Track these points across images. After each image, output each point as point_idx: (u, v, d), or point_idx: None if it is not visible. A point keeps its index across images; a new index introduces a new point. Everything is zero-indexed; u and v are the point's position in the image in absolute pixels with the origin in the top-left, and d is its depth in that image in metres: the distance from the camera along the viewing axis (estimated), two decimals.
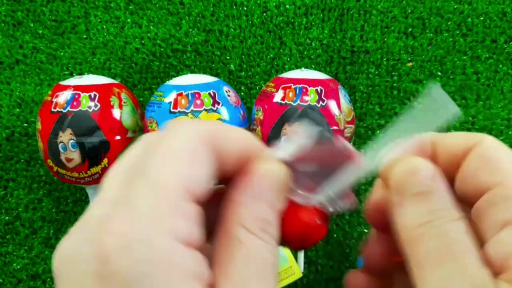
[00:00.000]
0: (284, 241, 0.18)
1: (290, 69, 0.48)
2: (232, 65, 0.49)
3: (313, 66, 0.48)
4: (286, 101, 0.39)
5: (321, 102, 0.39)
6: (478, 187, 0.17)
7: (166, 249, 0.13)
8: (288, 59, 0.49)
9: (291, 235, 0.19)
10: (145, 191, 0.14)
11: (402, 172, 0.18)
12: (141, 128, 0.43)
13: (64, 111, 0.39)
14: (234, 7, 0.49)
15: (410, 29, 0.48)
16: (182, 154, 0.15)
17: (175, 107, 0.39)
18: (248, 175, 0.17)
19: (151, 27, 0.49)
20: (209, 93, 0.40)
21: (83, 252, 0.14)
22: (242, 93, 0.49)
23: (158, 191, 0.14)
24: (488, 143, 0.18)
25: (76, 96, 0.40)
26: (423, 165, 0.18)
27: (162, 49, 0.49)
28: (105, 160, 0.40)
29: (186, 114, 0.39)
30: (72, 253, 0.14)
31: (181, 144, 0.15)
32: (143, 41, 0.49)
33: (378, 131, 0.48)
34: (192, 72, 0.49)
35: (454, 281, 0.15)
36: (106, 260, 0.13)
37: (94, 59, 0.50)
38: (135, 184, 0.14)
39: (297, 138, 0.19)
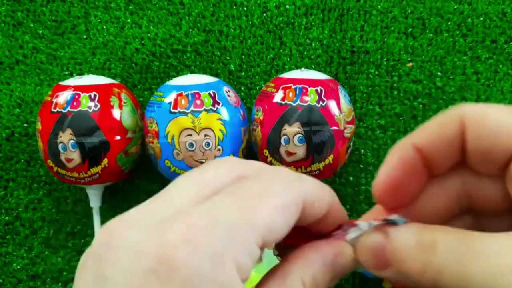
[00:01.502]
0: None
1: (290, 69, 0.48)
2: (232, 65, 0.49)
3: (313, 66, 0.48)
4: (286, 101, 0.40)
5: (321, 102, 0.39)
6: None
7: (229, 276, 0.13)
8: (288, 59, 0.49)
9: None
10: (233, 215, 0.14)
11: (365, 257, 0.18)
12: (141, 128, 0.43)
13: (64, 111, 0.39)
14: (234, 7, 0.49)
15: (410, 29, 0.48)
16: (274, 204, 0.15)
17: (175, 107, 0.39)
18: (336, 245, 0.18)
19: (151, 27, 0.49)
20: (209, 93, 0.40)
21: (142, 246, 0.13)
22: (242, 93, 0.49)
23: (245, 228, 0.14)
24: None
25: (76, 96, 0.40)
26: (371, 237, 0.18)
27: (162, 49, 0.49)
28: (105, 160, 0.40)
29: (186, 114, 0.39)
30: (130, 243, 0.14)
31: (280, 195, 0.15)
32: (143, 41, 0.49)
33: (378, 131, 0.48)
34: (192, 72, 0.49)
35: None
36: (173, 268, 0.13)
37: (94, 59, 0.50)
38: (228, 202, 0.15)
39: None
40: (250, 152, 0.44)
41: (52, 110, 0.40)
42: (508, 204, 0.18)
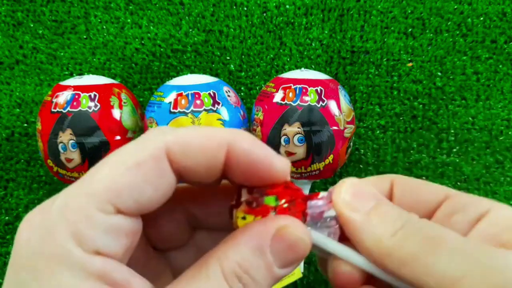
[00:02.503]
0: None
1: (290, 69, 0.48)
2: (232, 65, 0.49)
3: (313, 66, 0.48)
4: (286, 101, 0.39)
5: (321, 102, 0.39)
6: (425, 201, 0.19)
7: (59, 247, 0.14)
8: (288, 59, 0.49)
9: None
10: (73, 193, 0.14)
11: (349, 195, 0.18)
12: (141, 128, 0.43)
13: (64, 111, 0.39)
14: (234, 7, 0.49)
15: (410, 29, 0.48)
16: (124, 164, 0.14)
17: (175, 107, 0.39)
18: (267, 224, 0.16)
19: (151, 27, 0.49)
20: (209, 93, 0.40)
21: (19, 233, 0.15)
22: (242, 93, 0.49)
23: (82, 195, 0.14)
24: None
25: (76, 96, 0.40)
26: (362, 182, 0.18)
27: (162, 49, 0.49)
28: None
29: (186, 114, 0.39)
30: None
31: (132, 157, 0.15)
32: (143, 41, 0.49)
33: (378, 131, 0.48)
34: (192, 72, 0.49)
35: (458, 258, 0.15)
36: (16, 244, 0.14)
37: (94, 59, 0.50)
38: (76, 183, 0.15)
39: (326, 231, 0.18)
40: None
41: (52, 110, 0.40)
42: None
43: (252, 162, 0.16)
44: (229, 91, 0.42)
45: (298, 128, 0.39)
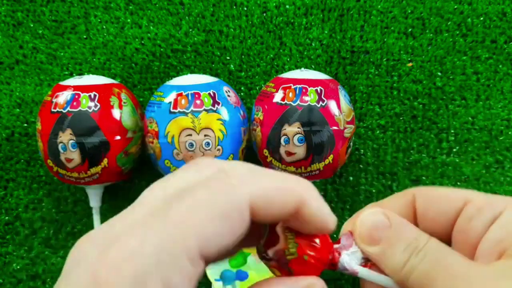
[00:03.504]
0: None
1: (290, 69, 0.48)
2: (232, 65, 0.49)
3: (313, 66, 0.48)
4: (286, 101, 0.39)
5: (321, 102, 0.39)
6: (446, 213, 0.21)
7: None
8: (288, 59, 0.49)
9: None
10: (162, 234, 0.14)
11: (365, 229, 0.20)
12: (141, 128, 0.43)
13: (64, 111, 0.39)
14: (234, 7, 0.49)
15: (410, 29, 0.48)
16: (213, 212, 0.15)
17: (175, 107, 0.39)
18: (297, 281, 0.18)
19: (151, 27, 0.49)
20: (209, 93, 0.40)
21: (90, 263, 0.14)
22: (242, 93, 0.49)
23: (173, 245, 0.14)
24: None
25: (76, 96, 0.40)
26: (374, 214, 0.20)
27: (162, 49, 0.49)
28: (105, 161, 0.40)
29: (186, 114, 0.39)
30: (78, 258, 0.15)
31: (218, 204, 0.15)
32: (143, 41, 0.49)
33: (378, 131, 0.48)
34: (192, 72, 0.49)
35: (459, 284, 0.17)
36: (98, 281, 0.13)
37: (94, 59, 0.50)
38: (155, 226, 0.14)
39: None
40: (250, 152, 0.44)
41: (52, 110, 0.40)
42: None
43: (314, 219, 0.18)
44: (229, 91, 0.42)
45: (298, 128, 0.39)
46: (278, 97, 0.40)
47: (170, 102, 0.39)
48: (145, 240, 0.14)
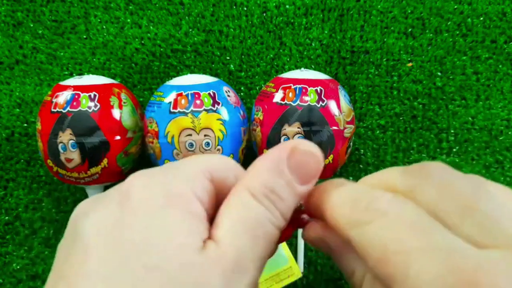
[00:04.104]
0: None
1: (290, 69, 0.48)
2: (232, 65, 0.49)
3: (313, 66, 0.48)
4: (286, 101, 0.39)
5: (321, 102, 0.39)
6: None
7: (179, 190, 0.17)
8: (288, 59, 0.49)
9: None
10: (185, 164, 0.18)
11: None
12: (141, 128, 0.43)
13: (64, 111, 0.39)
14: (234, 7, 0.49)
15: (410, 29, 0.48)
16: (214, 156, 0.19)
17: (175, 107, 0.39)
18: (280, 147, 0.18)
19: (151, 27, 0.49)
20: (209, 93, 0.40)
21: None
22: (242, 93, 0.49)
23: (190, 164, 0.18)
24: None
25: (76, 96, 0.40)
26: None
27: (162, 49, 0.49)
28: (105, 161, 0.40)
29: (186, 114, 0.39)
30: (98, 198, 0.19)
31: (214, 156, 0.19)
32: (143, 41, 0.49)
33: (378, 131, 0.48)
34: (192, 72, 0.49)
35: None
36: (133, 193, 0.17)
37: (94, 59, 0.50)
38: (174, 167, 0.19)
39: None
40: (250, 152, 0.44)
41: (52, 110, 0.40)
42: None
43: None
44: (229, 91, 0.42)
45: (298, 128, 0.39)
46: (278, 97, 0.40)
47: (170, 102, 0.39)
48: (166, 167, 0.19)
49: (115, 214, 0.16)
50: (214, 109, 0.39)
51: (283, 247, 0.43)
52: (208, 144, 0.39)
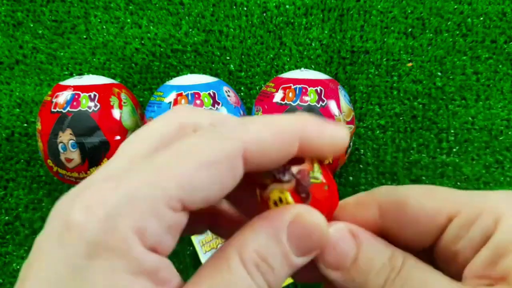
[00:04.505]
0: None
1: (290, 69, 0.48)
2: (232, 65, 0.49)
3: (313, 66, 0.48)
4: (286, 101, 0.39)
5: (321, 102, 0.39)
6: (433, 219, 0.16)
7: (121, 240, 0.13)
8: (288, 59, 0.49)
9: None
10: (140, 178, 0.14)
11: (326, 253, 0.17)
12: None
13: (64, 111, 0.39)
14: (234, 7, 0.49)
15: (410, 29, 0.48)
16: (200, 161, 0.14)
17: None
18: (284, 211, 0.15)
19: (151, 27, 0.49)
20: (209, 93, 0.40)
21: (57, 215, 0.14)
22: (242, 93, 0.49)
23: (149, 189, 0.13)
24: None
25: (76, 96, 0.40)
26: (341, 238, 0.17)
27: (162, 49, 0.49)
28: (105, 161, 0.40)
29: None
30: (55, 211, 0.14)
31: (206, 153, 0.14)
32: (143, 41, 0.49)
33: (378, 131, 0.48)
34: (192, 72, 0.49)
35: None
36: (69, 229, 0.13)
37: (94, 59, 0.50)
38: (144, 172, 0.14)
39: None
40: None
41: (52, 110, 0.40)
42: None
43: (321, 145, 0.16)
44: (229, 91, 0.42)
45: None
46: (278, 97, 0.40)
47: (170, 102, 0.39)
48: (120, 184, 0.13)
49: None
50: (214, 109, 0.39)
51: None
52: None
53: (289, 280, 0.42)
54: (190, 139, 0.15)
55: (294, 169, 0.16)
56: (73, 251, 0.13)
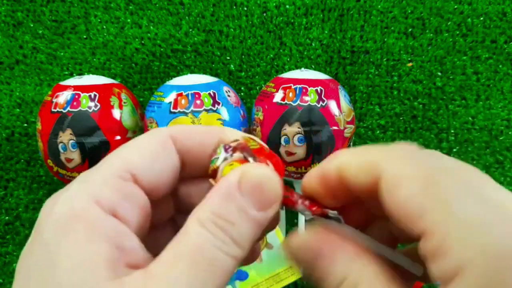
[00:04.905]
0: None
1: (290, 69, 0.48)
2: (232, 65, 0.49)
3: (313, 66, 0.48)
4: (286, 101, 0.39)
5: (321, 102, 0.39)
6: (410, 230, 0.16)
7: (81, 206, 0.15)
8: (288, 59, 0.49)
9: None
10: (93, 170, 0.17)
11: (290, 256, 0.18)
12: (141, 128, 0.43)
13: (64, 111, 0.39)
14: (234, 7, 0.49)
15: (410, 29, 0.48)
16: (140, 148, 0.18)
17: (175, 107, 0.39)
18: (232, 172, 0.17)
19: (151, 27, 0.49)
20: (209, 93, 0.40)
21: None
22: (242, 93, 0.49)
23: (102, 168, 0.16)
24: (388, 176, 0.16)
25: (76, 96, 0.40)
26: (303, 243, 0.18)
27: (162, 49, 0.49)
28: None
29: (186, 114, 0.39)
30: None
31: (144, 141, 0.18)
32: (143, 41, 0.49)
33: (378, 131, 0.48)
34: (192, 72, 0.49)
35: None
36: (41, 214, 0.16)
37: (94, 59, 0.50)
38: (94, 166, 0.17)
39: None
40: None
41: (52, 110, 0.40)
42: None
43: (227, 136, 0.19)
44: (229, 91, 0.42)
45: (298, 128, 0.39)
46: (278, 97, 0.40)
47: (170, 102, 0.39)
48: (86, 179, 0.16)
49: (29, 242, 0.16)
50: (214, 109, 0.39)
51: None
52: None
53: (289, 280, 0.42)
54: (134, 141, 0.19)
55: (233, 144, 0.18)
56: (42, 228, 0.15)
